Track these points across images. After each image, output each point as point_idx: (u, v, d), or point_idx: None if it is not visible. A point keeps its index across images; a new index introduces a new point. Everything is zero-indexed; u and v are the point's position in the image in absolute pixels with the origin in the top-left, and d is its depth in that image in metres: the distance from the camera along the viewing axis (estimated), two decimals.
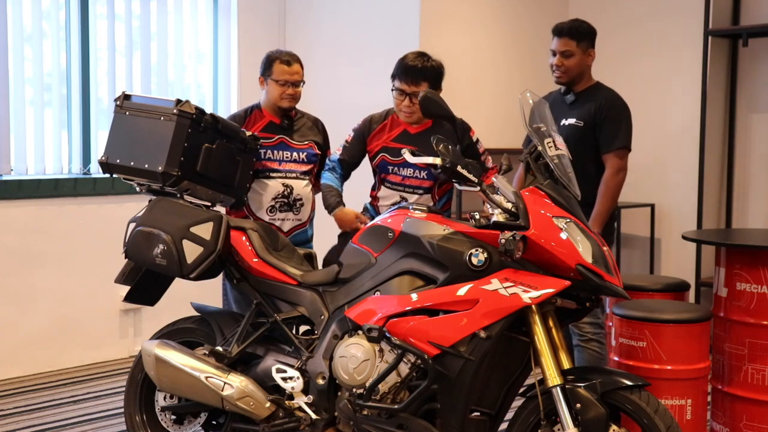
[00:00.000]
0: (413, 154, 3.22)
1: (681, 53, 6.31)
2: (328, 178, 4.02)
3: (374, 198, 4.03)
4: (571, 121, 4.08)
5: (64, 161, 5.59)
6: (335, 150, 4.10)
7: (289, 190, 4.09)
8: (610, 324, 4.02)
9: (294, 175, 4.11)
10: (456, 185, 3.25)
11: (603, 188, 4.00)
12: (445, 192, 3.99)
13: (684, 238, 4.30)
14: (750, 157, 6.22)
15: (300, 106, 4.23)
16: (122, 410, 3.82)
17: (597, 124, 4.05)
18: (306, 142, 4.16)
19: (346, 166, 4.06)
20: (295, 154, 4.12)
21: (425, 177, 3.89)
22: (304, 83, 4.14)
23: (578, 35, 4.10)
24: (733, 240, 4.25)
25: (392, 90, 3.87)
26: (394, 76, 3.87)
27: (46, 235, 5.37)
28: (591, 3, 6.60)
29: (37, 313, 5.34)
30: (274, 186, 4.08)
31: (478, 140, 3.98)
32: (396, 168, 3.92)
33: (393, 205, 3.77)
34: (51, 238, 5.39)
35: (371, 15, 6.16)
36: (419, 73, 3.79)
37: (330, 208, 3.91)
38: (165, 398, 3.67)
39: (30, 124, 5.43)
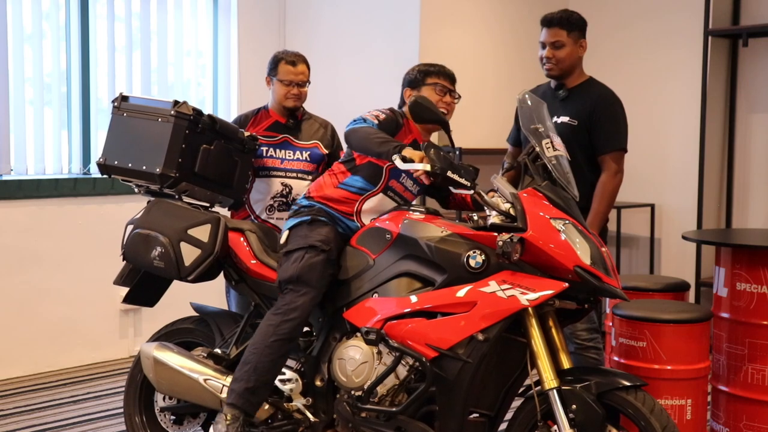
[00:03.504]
0: (403, 160, 3.08)
1: (681, 53, 6.30)
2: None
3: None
4: (564, 119, 3.84)
5: (64, 161, 5.59)
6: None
7: (287, 190, 4.04)
8: (610, 324, 4.01)
9: (294, 174, 4.06)
10: (451, 189, 3.20)
11: (601, 190, 3.77)
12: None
13: (684, 238, 4.29)
14: (750, 157, 6.22)
15: None
16: (122, 410, 3.82)
17: (592, 124, 3.82)
18: (312, 142, 4.11)
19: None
20: (298, 153, 4.07)
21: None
22: (309, 83, 4.12)
23: (569, 25, 3.84)
24: (733, 240, 4.24)
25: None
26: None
27: (46, 235, 5.37)
28: (591, 2, 6.59)
29: (37, 313, 5.34)
30: (273, 185, 4.04)
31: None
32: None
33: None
34: (51, 238, 5.39)
35: (371, 15, 6.16)
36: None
37: (395, 149, 3.13)
38: (164, 399, 3.67)
39: (30, 124, 5.43)
